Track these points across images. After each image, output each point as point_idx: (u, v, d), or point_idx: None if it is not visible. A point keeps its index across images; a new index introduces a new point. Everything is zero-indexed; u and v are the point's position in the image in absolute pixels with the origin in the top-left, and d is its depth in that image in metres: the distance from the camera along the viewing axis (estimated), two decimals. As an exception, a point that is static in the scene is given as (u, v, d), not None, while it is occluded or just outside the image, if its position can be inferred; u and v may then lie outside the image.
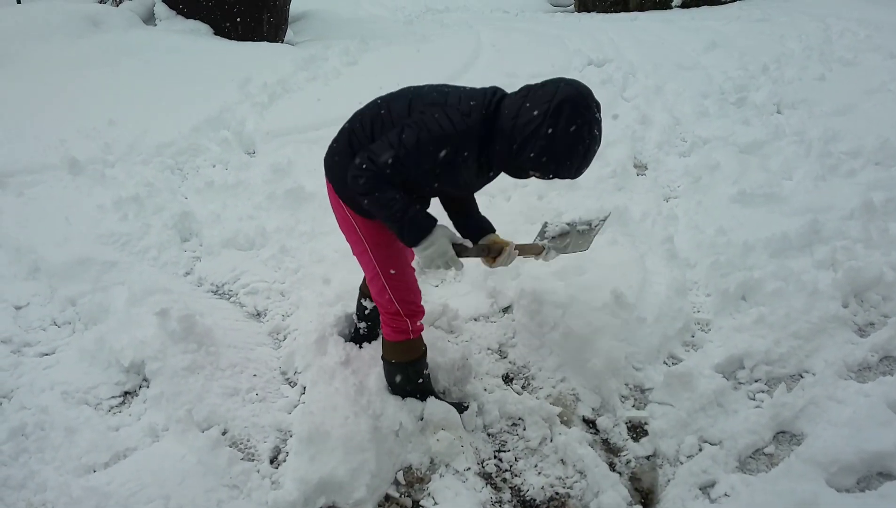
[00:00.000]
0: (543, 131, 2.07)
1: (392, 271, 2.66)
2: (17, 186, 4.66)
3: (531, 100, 2.14)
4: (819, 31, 9.49)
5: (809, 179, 4.81)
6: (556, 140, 2.08)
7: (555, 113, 2.06)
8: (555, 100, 2.08)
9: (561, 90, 2.10)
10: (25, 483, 2.58)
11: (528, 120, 2.11)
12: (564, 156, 2.12)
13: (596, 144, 2.17)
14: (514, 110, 2.18)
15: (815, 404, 2.95)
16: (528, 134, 2.11)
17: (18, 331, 3.39)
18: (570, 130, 2.07)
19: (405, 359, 2.84)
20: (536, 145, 2.11)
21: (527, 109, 2.13)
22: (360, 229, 2.63)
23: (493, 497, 2.68)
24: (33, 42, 7.61)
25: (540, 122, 2.08)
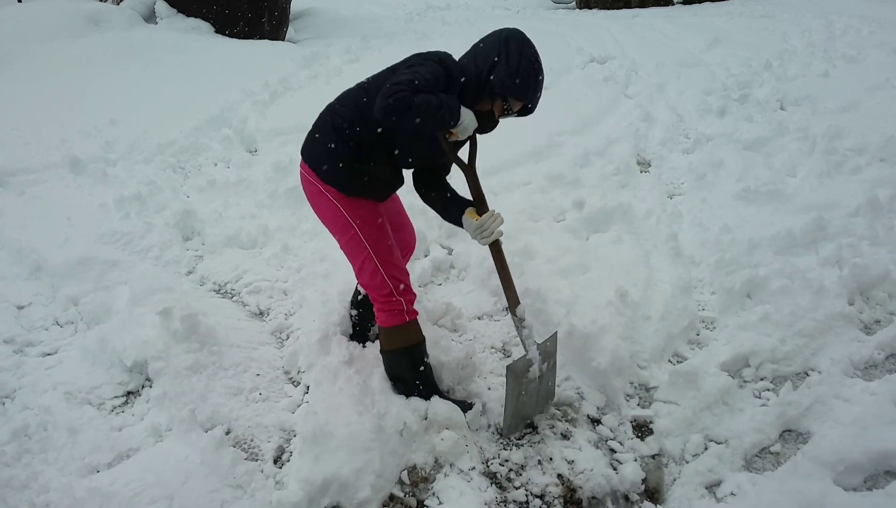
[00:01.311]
0: (503, 58, 2.47)
1: (382, 247, 2.72)
2: (18, 186, 4.65)
3: (483, 45, 2.55)
4: (822, 28, 9.47)
5: (814, 176, 4.79)
6: (516, 62, 2.47)
7: (506, 44, 2.50)
8: (502, 37, 2.52)
9: (504, 31, 2.55)
10: (28, 483, 2.57)
11: (486, 55, 2.50)
12: (525, 77, 2.48)
13: (543, 75, 2.57)
14: (471, 55, 2.57)
15: (821, 402, 2.93)
16: (492, 63, 2.48)
17: (21, 331, 3.38)
18: (524, 54, 2.49)
19: (403, 344, 2.84)
20: (500, 71, 2.47)
21: (482, 51, 2.53)
22: (346, 210, 2.68)
23: (499, 496, 2.67)
24: (34, 42, 7.60)
25: (498, 52, 2.48)
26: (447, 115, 2.43)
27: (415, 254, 4.05)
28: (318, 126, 2.73)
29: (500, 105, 2.56)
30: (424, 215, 4.31)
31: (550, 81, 7.55)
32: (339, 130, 2.64)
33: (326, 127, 2.68)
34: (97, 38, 7.96)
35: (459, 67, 2.56)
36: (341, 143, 2.63)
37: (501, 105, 2.56)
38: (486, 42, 2.54)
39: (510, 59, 2.46)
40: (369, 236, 2.71)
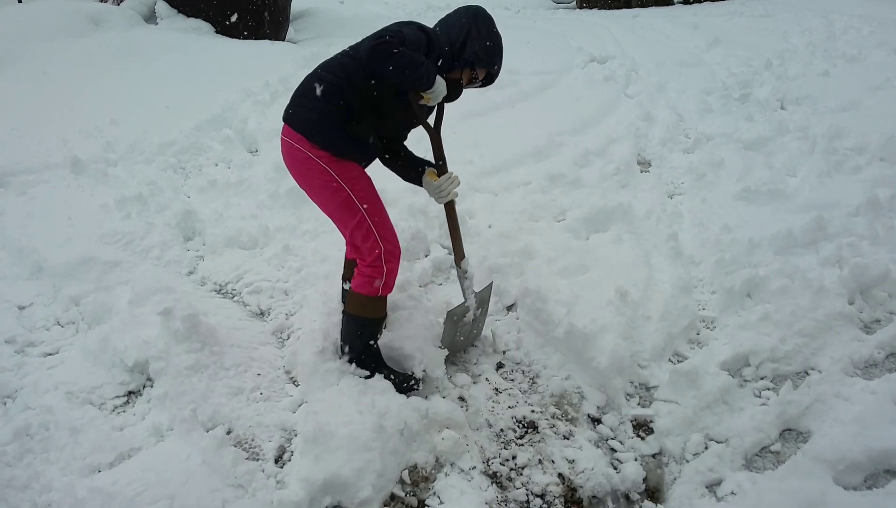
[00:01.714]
0: (475, 32, 2.75)
1: (376, 207, 2.83)
2: (19, 186, 4.66)
3: (453, 19, 2.80)
4: (822, 27, 9.47)
5: (814, 176, 4.80)
6: (486, 35, 2.76)
7: (475, 19, 2.77)
8: (470, 13, 2.79)
9: (471, 8, 2.82)
10: (30, 483, 2.57)
11: (459, 27, 2.75)
12: (495, 48, 2.80)
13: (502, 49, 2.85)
14: (444, 27, 2.81)
15: (821, 401, 2.94)
16: (465, 35, 2.74)
17: (22, 331, 3.39)
18: (492, 29, 2.80)
19: (365, 314, 2.93)
20: (474, 41, 2.75)
21: (455, 24, 2.77)
22: (337, 172, 2.76)
23: (499, 495, 2.67)
24: (35, 42, 7.60)
25: (469, 27, 2.75)
26: (424, 75, 2.60)
27: (414, 254, 4.08)
28: (304, 92, 2.80)
29: (468, 74, 2.83)
30: (425, 215, 4.33)
31: (551, 80, 7.59)
32: (327, 94, 2.72)
33: (312, 93, 2.75)
34: (98, 39, 7.95)
35: (436, 37, 2.75)
36: (331, 107, 2.71)
37: (470, 74, 2.83)
38: (456, 17, 2.80)
39: (481, 32, 2.75)
40: (363, 197, 2.80)
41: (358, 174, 2.84)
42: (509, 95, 6.97)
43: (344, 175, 2.78)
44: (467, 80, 2.86)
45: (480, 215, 4.48)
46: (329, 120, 2.72)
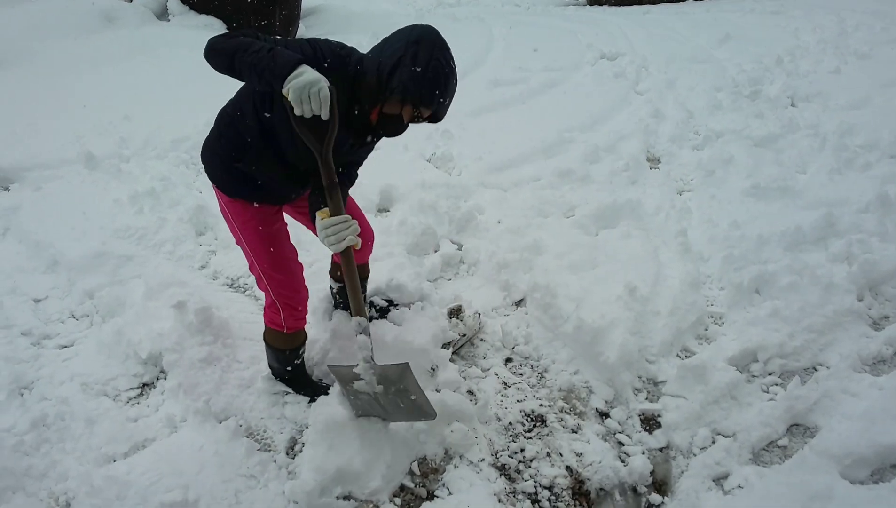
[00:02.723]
0: (408, 60, 2.16)
1: (262, 255, 2.57)
2: (34, 181, 4.71)
3: (391, 40, 2.24)
4: (834, 24, 9.42)
5: (824, 173, 4.79)
6: (420, 66, 2.16)
7: (415, 44, 2.18)
8: (412, 35, 2.21)
9: (415, 29, 2.23)
10: (47, 472, 2.63)
11: (392, 52, 2.20)
12: (431, 80, 2.18)
13: (454, 77, 2.25)
14: (377, 50, 2.26)
15: (829, 397, 2.95)
16: (395, 63, 2.18)
17: (38, 324, 3.44)
18: (431, 58, 2.18)
19: (274, 344, 2.86)
20: (404, 72, 2.17)
21: (389, 46, 2.22)
22: (228, 209, 2.55)
23: (508, 487, 2.70)
24: (48, 39, 7.67)
25: (403, 52, 2.18)
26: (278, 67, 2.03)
27: (424, 249, 4.10)
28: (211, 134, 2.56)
29: (409, 110, 2.25)
30: (435, 210, 4.35)
31: (560, 77, 7.59)
32: (219, 125, 2.49)
33: (215, 122, 2.52)
34: (111, 35, 8.02)
35: (355, 58, 2.30)
36: (223, 141, 2.46)
37: (411, 111, 2.25)
38: (395, 39, 2.24)
39: (416, 61, 2.16)
40: (249, 243, 2.59)
41: (249, 217, 2.54)
42: (519, 91, 6.99)
43: (234, 213, 2.56)
44: (408, 116, 2.27)
45: (490, 210, 4.50)
46: (218, 156, 2.48)
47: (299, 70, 2.03)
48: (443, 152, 5.34)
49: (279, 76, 2.03)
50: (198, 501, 2.53)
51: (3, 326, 3.33)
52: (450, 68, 2.22)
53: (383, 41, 2.27)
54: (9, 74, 6.82)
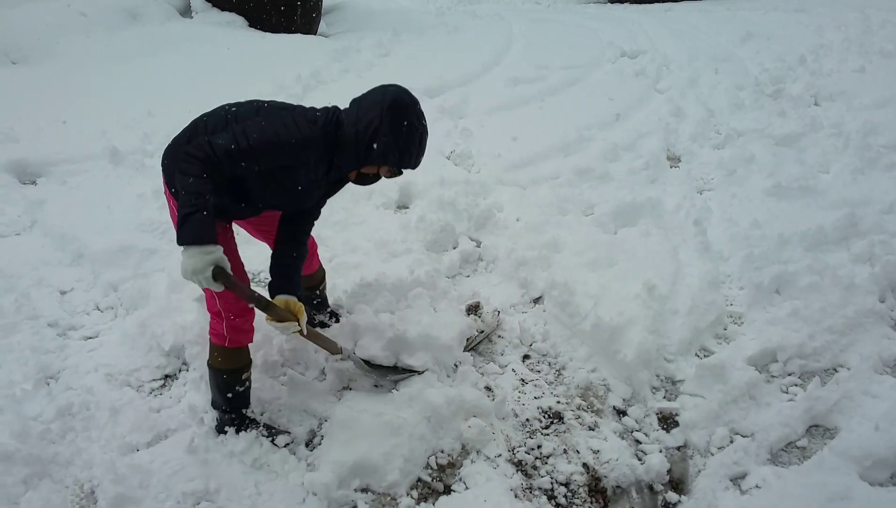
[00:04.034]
0: (384, 129, 2.34)
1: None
2: (60, 176, 4.80)
3: (364, 108, 2.39)
4: (858, 22, 9.30)
5: (847, 173, 4.74)
6: (396, 134, 2.35)
7: (388, 112, 2.35)
8: (385, 101, 2.36)
9: (388, 94, 2.39)
10: (73, 460, 2.69)
11: (368, 122, 2.36)
12: (406, 146, 2.39)
13: (426, 134, 2.46)
14: (352, 118, 2.40)
15: (849, 398, 2.94)
16: (372, 133, 2.36)
17: (64, 315, 3.50)
18: (405, 124, 2.36)
19: (216, 365, 2.69)
20: (381, 142, 2.36)
21: (364, 115, 2.37)
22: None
23: (524, 483, 2.72)
24: (73, 35, 7.78)
25: (379, 122, 2.35)
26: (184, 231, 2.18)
27: (443, 246, 4.12)
28: (177, 142, 2.52)
29: (387, 170, 2.50)
30: (454, 207, 4.37)
31: (580, 75, 7.57)
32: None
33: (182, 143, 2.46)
34: (135, 32, 8.12)
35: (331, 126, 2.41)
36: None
37: (389, 170, 2.50)
38: (369, 104, 2.38)
39: (393, 129, 2.34)
40: None
41: None
42: (538, 89, 6.98)
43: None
44: (386, 173, 2.53)
45: (508, 208, 4.51)
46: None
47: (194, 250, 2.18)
48: (462, 150, 5.36)
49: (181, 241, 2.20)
50: (219, 491, 2.58)
51: (30, 317, 3.40)
52: (423, 128, 2.43)
53: (357, 105, 2.43)
54: (34, 70, 6.93)
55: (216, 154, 2.25)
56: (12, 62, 7.15)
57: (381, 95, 2.38)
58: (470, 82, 7.17)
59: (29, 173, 4.86)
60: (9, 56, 7.21)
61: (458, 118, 6.11)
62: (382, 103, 2.36)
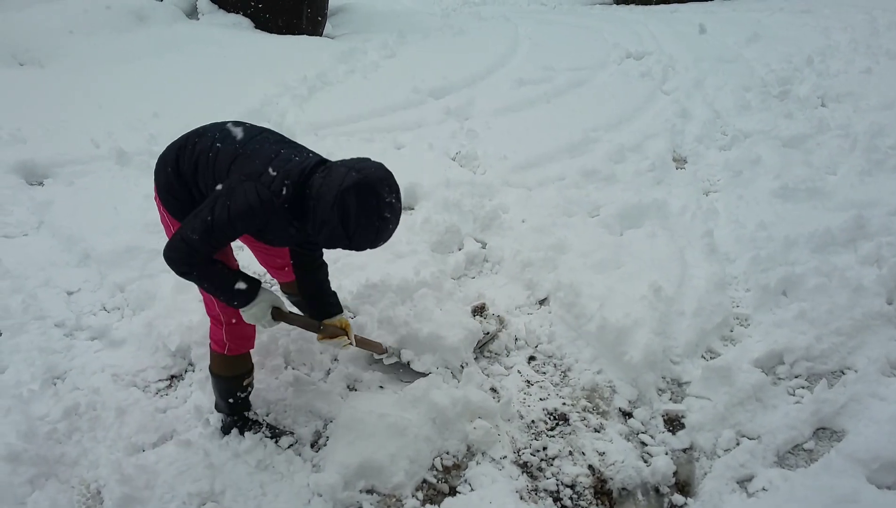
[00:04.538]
0: (335, 220, 2.17)
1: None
2: (67, 177, 4.81)
3: (326, 184, 2.19)
4: (865, 24, 9.27)
5: (854, 174, 4.72)
6: (347, 226, 2.17)
7: (340, 204, 2.14)
8: (342, 188, 2.14)
9: (348, 178, 2.15)
10: (79, 460, 2.70)
11: (323, 206, 2.18)
12: (358, 235, 2.21)
13: (389, 224, 2.24)
14: (314, 191, 2.22)
15: (856, 401, 2.92)
16: (323, 219, 2.19)
17: (71, 315, 3.51)
18: (360, 217, 2.16)
19: (217, 370, 2.73)
20: (329, 232, 2.21)
21: (323, 194, 2.18)
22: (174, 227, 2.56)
23: (530, 485, 2.71)
24: (80, 37, 7.81)
25: (330, 211, 2.16)
26: (235, 302, 2.42)
27: (449, 247, 4.12)
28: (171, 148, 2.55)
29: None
30: (459, 208, 4.37)
31: (586, 76, 7.56)
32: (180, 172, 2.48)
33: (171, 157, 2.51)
34: (141, 34, 8.15)
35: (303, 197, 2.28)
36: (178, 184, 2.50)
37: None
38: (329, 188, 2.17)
39: (346, 224, 2.16)
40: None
41: None
42: (544, 90, 6.97)
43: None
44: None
45: (514, 209, 4.51)
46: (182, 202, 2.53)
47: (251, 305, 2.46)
48: (467, 151, 5.35)
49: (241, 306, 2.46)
50: (224, 492, 2.58)
51: (38, 317, 3.41)
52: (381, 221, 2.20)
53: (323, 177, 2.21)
54: (42, 72, 6.96)
55: (194, 247, 2.29)
56: (20, 64, 7.18)
57: (341, 176, 2.17)
58: (476, 84, 7.17)
59: (36, 174, 4.88)
60: (16, 58, 7.25)
61: (464, 119, 6.11)
62: (338, 195, 2.15)
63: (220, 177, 2.36)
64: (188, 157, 2.46)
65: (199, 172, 2.43)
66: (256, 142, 2.42)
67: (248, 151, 2.37)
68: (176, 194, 2.53)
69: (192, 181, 2.46)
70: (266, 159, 2.32)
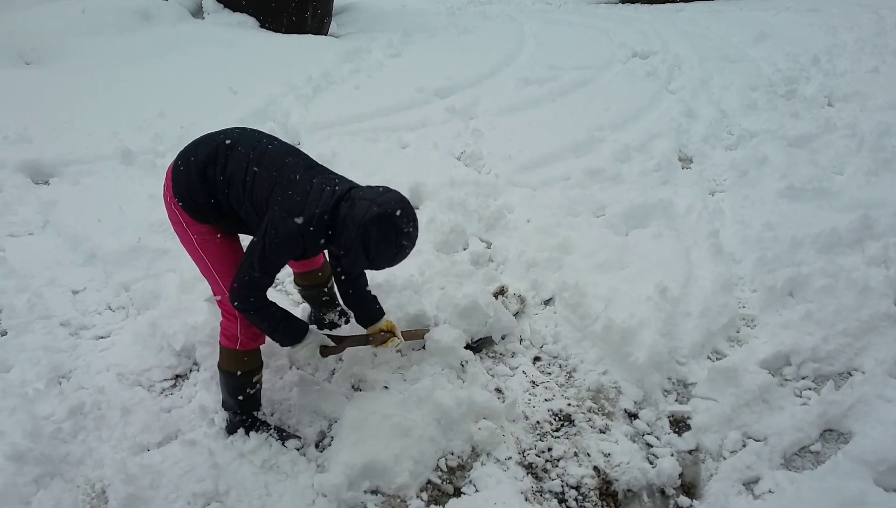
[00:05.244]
0: (358, 248, 2.41)
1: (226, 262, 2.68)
2: (73, 176, 4.82)
3: (350, 215, 2.41)
4: (872, 23, 9.22)
5: (861, 174, 4.70)
6: (369, 253, 2.42)
7: (363, 234, 2.38)
8: (364, 221, 2.37)
9: (370, 212, 2.37)
10: (84, 459, 2.70)
11: (347, 235, 2.42)
12: (378, 260, 2.47)
13: (406, 249, 2.49)
14: (340, 221, 2.45)
15: (864, 402, 2.90)
16: (347, 246, 2.44)
17: (76, 315, 3.52)
18: (380, 245, 2.41)
19: (227, 367, 2.75)
20: (353, 257, 2.46)
21: (347, 224, 2.42)
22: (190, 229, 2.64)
23: (535, 486, 2.71)
24: (85, 36, 7.83)
25: (353, 240, 2.41)
26: (283, 341, 2.71)
27: (453, 247, 4.11)
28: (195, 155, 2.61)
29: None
30: (464, 208, 4.36)
31: (591, 75, 7.54)
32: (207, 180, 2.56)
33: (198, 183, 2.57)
34: (146, 33, 8.16)
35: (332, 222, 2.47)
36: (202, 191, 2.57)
37: None
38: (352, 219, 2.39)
39: (369, 253, 2.41)
40: (208, 253, 2.67)
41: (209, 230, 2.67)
42: (549, 89, 6.96)
43: (196, 233, 2.66)
44: None
45: (519, 209, 4.50)
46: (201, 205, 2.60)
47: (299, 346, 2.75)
48: (472, 151, 5.34)
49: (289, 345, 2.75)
50: (229, 492, 2.58)
51: (43, 316, 3.42)
52: (398, 247, 2.44)
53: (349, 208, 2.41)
54: (48, 71, 6.98)
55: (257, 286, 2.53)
56: (26, 63, 7.20)
57: (364, 209, 2.39)
58: (481, 83, 7.15)
59: (42, 174, 4.89)
60: (23, 57, 7.27)
61: (469, 119, 6.10)
62: (359, 227, 2.38)
63: (260, 203, 2.50)
64: (220, 170, 2.55)
65: (232, 189, 2.55)
66: (290, 169, 2.53)
67: (284, 181, 2.49)
68: (197, 198, 2.58)
69: (222, 192, 2.56)
70: (303, 193, 2.47)
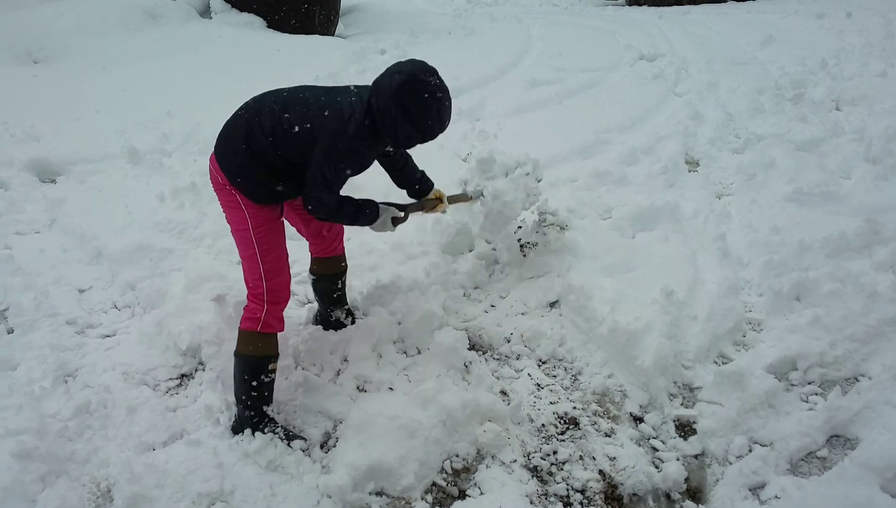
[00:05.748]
0: (401, 119, 2.52)
1: (270, 255, 2.77)
2: (79, 175, 4.84)
3: (379, 98, 2.53)
4: (880, 27, 9.19)
5: (869, 179, 4.68)
6: (413, 119, 2.52)
7: (398, 104, 2.49)
8: (392, 91, 2.49)
9: (394, 82, 2.50)
10: (90, 458, 2.70)
11: (388, 115, 2.53)
12: (425, 124, 2.56)
13: (444, 101, 2.57)
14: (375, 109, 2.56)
15: (870, 408, 2.89)
16: (393, 125, 2.54)
17: (82, 313, 3.53)
18: (419, 107, 2.51)
19: (245, 352, 2.77)
20: (402, 129, 2.55)
21: (381, 107, 2.53)
22: (247, 209, 2.72)
23: (539, 489, 2.70)
24: (92, 35, 7.86)
25: (391, 113, 2.51)
26: (366, 222, 2.84)
27: (459, 248, 4.10)
28: (234, 145, 2.70)
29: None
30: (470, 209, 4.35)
31: (598, 78, 7.53)
32: (256, 152, 2.65)
33: (243, 148, 2.66)
34: (154, 33, 8.19)
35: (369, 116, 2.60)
36: (256, 164, 2.66)
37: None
38: (383, 91, 2.52)
39: (409, 115, 2.51)
40: (259, 239, 2.74)
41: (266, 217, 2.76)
42: (556, 91, 6.95)
43: (253, 213, 2.73)
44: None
45: (525, 211, 4.48)
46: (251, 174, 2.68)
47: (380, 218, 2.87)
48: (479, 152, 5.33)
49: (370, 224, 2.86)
50: (233, 492, 2.58)
51: (49, 314, 3.43)
52: (437, 101, 2.53)
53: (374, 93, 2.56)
54: (54, 70, 7.01)
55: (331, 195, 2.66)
56: (34, 61, 7.23)
57: (389, 80, 2.51)
58: (487, 85, 7.15)
59: (49, 172, 4.91)
60: (31, 55, 7.30)
61: (476, 120, 6.09)
62: (391, 91, 2.49)
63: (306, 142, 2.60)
64: (259, 134, 2.64)
65: (277, 142, 2.63)
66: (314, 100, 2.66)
67: (319, 114, 2.60)
68: (253, 174, 2.67)
69: (272, 153, 2.64)
70: (336, 112, 2.59)
